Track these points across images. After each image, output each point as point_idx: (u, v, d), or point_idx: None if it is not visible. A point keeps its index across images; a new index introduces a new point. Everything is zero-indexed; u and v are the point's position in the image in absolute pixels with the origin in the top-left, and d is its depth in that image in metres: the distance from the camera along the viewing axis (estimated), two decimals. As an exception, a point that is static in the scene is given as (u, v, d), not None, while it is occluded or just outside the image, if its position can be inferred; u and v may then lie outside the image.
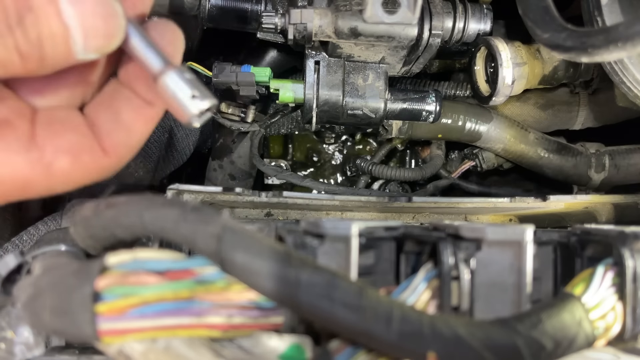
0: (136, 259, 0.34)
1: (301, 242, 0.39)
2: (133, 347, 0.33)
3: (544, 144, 0.89)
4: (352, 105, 0.66)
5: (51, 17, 0.30)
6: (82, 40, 0.31)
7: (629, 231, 0.40)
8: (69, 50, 0.32)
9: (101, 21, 0.32)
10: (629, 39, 0.43)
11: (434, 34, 0.63)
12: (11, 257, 0.40)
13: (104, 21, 0.32)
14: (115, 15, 0.32)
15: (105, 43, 0.33)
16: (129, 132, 0.38)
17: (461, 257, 0.39)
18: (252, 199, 0.65)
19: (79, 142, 0.36)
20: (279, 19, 0.62)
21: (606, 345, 0.39)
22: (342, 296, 0.31)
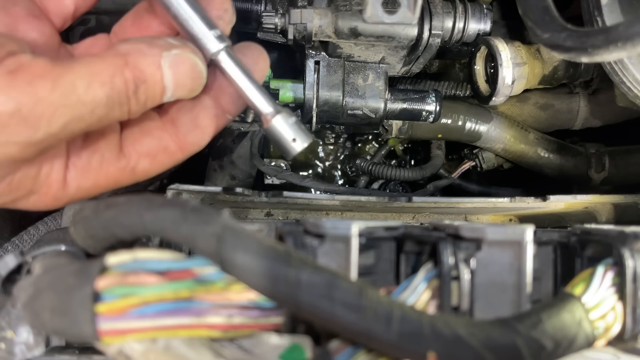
0: (136, 259, 0.34)
1: (301, 242, 0.39)
2: (133, 347, 0.33)
3: (544, 144, 0.89)
4: (352, 105, 0.66)
5: (157, 83, 0.39)
6: (172, 93, 0.40)
7: (629, 231, 0.40)
8: (161, 99, 0.40)
9: (189, 81, 0.40)
10: (629, 39, 0.43)
11: (434, 34, 0.63)
12: (11, 257, 0.40)
13: (191, 81, 0.40)
14: (200, 77, 0.41)
15: (187, 95, 0.42)
16: (203, 134, 0.45)
17: (461, 257, 0.39)
18: (252, 199, 0.65)
19: (156, 145, 0.44)
20: (279, 19, 0.62)
21: (606, 345, 0.39)
22: (342, 296, 0.31)
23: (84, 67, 0.36)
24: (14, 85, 0.34)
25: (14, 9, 0.41)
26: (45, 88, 0.34)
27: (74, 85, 0.35)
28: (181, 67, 0.39)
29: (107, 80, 0.36)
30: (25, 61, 0.35)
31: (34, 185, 0.40)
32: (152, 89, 0.39)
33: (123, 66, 0.37)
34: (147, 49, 0.38)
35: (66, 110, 0.35)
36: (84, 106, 0.36)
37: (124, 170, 0.43)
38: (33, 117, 0.34)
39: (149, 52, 0.38)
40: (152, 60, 0.38)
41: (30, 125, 0.34)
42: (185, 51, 0.40)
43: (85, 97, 0.35)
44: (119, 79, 0.37)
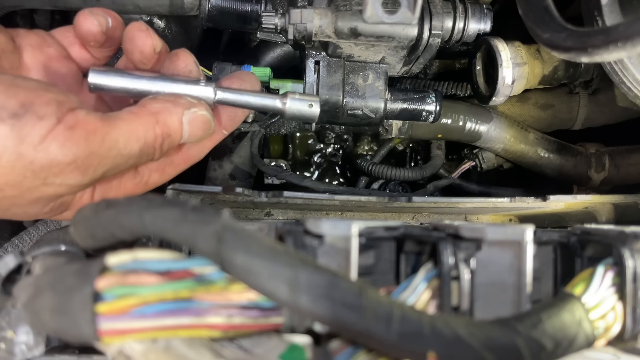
0: (136, 259, 0.34)
1: (301, 242, 0.39)
2: (133, 347, 0.33)
3: (544, 144, 0.89)
4: (352, 105, 0.66)
5: (178, 136, 0.47)
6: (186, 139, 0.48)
7: (629, 231, 0.40)
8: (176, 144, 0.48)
9: (201, 132, 0.49)
10: (629, 39, 0.43)
11: (434, 34, 0.63)
12: (11, 257, 0.40)
13: (202, 132, 0.49)
14: (210, 128, 0.49)
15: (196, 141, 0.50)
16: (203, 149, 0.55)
17: (461, 257, 0.39)
18: (252, 199, 0.65)
19: (164, 161, 0.52)
20: (279, 19, 0.62)
21: (606, 345, 0.39)
22: (342, 296, 0.31)
23: (125, 125, 0.43)
24: (72, 140, 0.39)
25: (47, 50, 0.50)
26: (96, 143, 0.40)
27: (117, 141, 0.42)
28: (197, 122, 0.48)
29: (141, 136, 0.44)
30: (81, 117, 0.40)
31: (69, 206, 0.46)
32: (174, 140, 0.47)
33: (154, 124, 0.45)
34: (173, 108, 0.46)
35: (109, 161, 0.42)
36: (122, 157, 0.43)
37: (139, 184, 0.51)
38: (84, 166, 0.40)
39: (174, 111, 0.46)
40: (176, 117, 0.46)
41: (81, 172, 0.41)
42: (201, 109, 0.48)
43: (124, 150, 0.43)
44: (151, 135, 0.44)
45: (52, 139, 0.39)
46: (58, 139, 0.39)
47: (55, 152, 0.39)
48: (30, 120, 0.38)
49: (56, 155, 0.39)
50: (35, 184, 0.40)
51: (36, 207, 0.44)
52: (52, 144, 0.39)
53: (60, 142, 0.39)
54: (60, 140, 0.39)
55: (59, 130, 0.39)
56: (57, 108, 0.39)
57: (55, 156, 0.39)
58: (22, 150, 0.38)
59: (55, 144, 0.39)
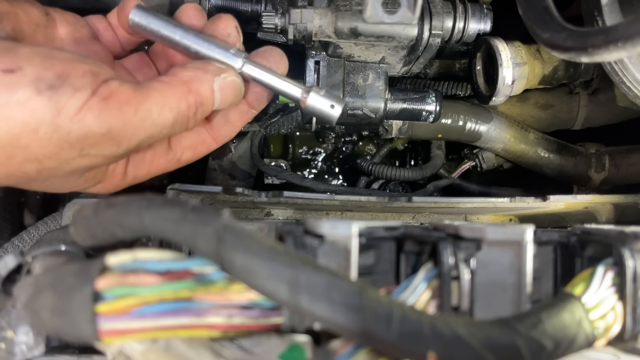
0: (136, 259, 0.34)
1: (301, 242, 0.39)
2: (133, 347, 0.33)
3: (544, 144, 0.89)
4: (352, 105, 0.66)
5: (210, 103, 0.47)
6: (218, 105, 0.48)
7: (629, 231, 0.40)
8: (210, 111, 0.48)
9: (232, 97, 0.49)
10: (629, 39, 0.43)
11: (434, 34, 0.63)
12: (11, 257, 0.40)
13: (233, 97, 0.49)
14: (240, 93, 0.50)
15: (229, 106, 0.50)
16: (233, 128, 0.55)
17: (461, 257, 0.39)
18: (252, 199, 0.65)
19: (196, 139, 0.54)
20: (279, 19, 0.62)
21: (606, 345, 0.39)
22: (342, 296, 0.31)
23: (158, 95, 0.43)
24: (107, 111, 0.40)
25: (82, 29, 0.51)
26: (130, 114, 0.41)
27: (150, 111, 0.42)
28: (228, 88, 0.48)
29: (174, 105, 0.44)
30: (115, 88, 0.41)
31: (103, 177, 0.47)
32: (207, 108, 0.47)
33: (187, 93, 0.45)
34: (203, 75, 0.46)
35: (143, 131, 0.42)
36: (156, 127, 0.43)
37: (172, 161, 0.52)
38: (119, 137, 0.41)
39: (205, 79, 0.46)
40: (208, 85, 0.46)
41: (116, 143, 0.41)
42: (231, 74, 0.48)
43: (157, 120, 0.43)
44: (184, 104, 0.44)
45: (87, 110, 0.39)
46: (93, 111, 0.39)
47: (91, 123, 0.39)
48: (67, 92, 0.38)
49: (91, 126, 0.39)
50: (72, 155, 0.40)
51: (73, 178, 0.44)
52: (88, 115, 0.39)
53: (95, 113, 0.39)
54: (95, 111, 0.39)
55: (94, 101, 0.39)
56: (92, 79, 0.40)
57: (90, 127, 0.39)
58: (59, 122, 0.38)
59: (90, 115, 0.39)
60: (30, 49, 0.39)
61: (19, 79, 0.37)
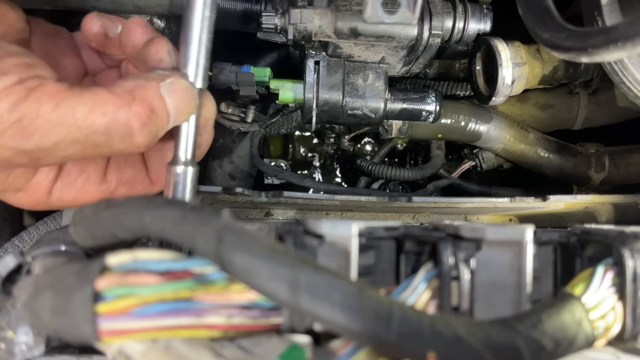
0: (136, 259, 0.34)
1: (301, 242, 0.39)
2: (133, 347, 0.33)
3: (544, 144, 0.89)
4: (352, 105, 0.66)
5: (163, 112, 0.43)
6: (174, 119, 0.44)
7: (629, 231, 0.40)
8: (167, 127, 0.44)
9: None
10: (629, 39, 0.43)
11: (434, 34, 0.63)
12: (11, 257, 0.40)
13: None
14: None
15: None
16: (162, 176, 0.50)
17: (461, 257, 0.39)
18: (252, 199, 0.65)
19: (134, 176, 0.50)
20: (278, 19, 0.62)
21: (606, 345, 0.39)
22: (342, 296, 0.31)
23: (91, 96, 0.40)
24: (24, 100, 0.37)
25: (59, 42, 0.50)
26: (48, 107, 0.38)
27: (74, 110, 0.39)
28: (178, 93, 0.43)
29: (109, 111, 0.40)
30: (45, 83, 0.39)
31: (24, 186, 0.45)
32: (160, 117, 0.43)
33: (131, 101, 0.41)
34: (146, 82, 0.42)
35: (61, 130, 0.39)
36: (79, 130, 0.39)
37: (104, 193, 0.49)
38: (29, 129, 0.38)
39: (148, 85, 0.42)
40: (153, 91, 0.42)
41: (25, 136, 0.38)
42: (177, 77, 0.44)
43: (82, 122, 0.39)
44: (124, 113, 0.40)
45: (5, 95, 0.37)
46: (10, 97, 0.37)
47: (3, 109, 0.37)
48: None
49: (3, 112, 0.37)
50: None
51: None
52: (4, 100, 0.37)
53: (11, 100, 0.37)
54: (12, 98, 0.37)
55: (16, 89, 0.38)
56: (24, 70, 0.38)
57: (1, 113, 0.37)
58: None
59: (6, 101, 0.37)
60: None
61: None
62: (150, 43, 0.47)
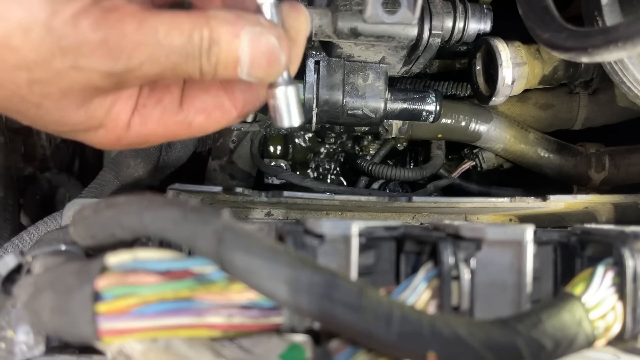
0: (136, 259, 0.34)
1: (301, 242, 0.39)
2: (133, 346, 0.33)
3: (544, 144, 0.89)
4: (352, 105, 0.66)
5: (231, 51, 0.40)
6: (247, 70, 0.41)
7: (629, 231, 0.40)
8: (235, 74, 0.41)
9: (265, 61, 0.41)
10: (629, 39, 0.43)
11: (434, 34, 0.63)
12: (11, 257, 0.40)
13: (267, 61, 0.41)
14: (277, 61, 0.41)
15: (263, 77, 0.42)
16: (257, 96, 0.47)
17: (461, 257, 0.39)
18: (252, 199, 0.65)
19: (212, 102, 0.47)
20: (279, 19, 0.62)
21: (606, 345, 0.39)
22: (342, 296, 0.31)
23: (169, 17, 0.39)
24: (105, 20, 0.37)
25: None
26: (132, 26, 0.37)
27: (156, 29, 0.38)
28: (259, 45, 0.40)
29: (185, 31, 0.39)
30: (119, 3, 0.38)
31: (105, 119, 0.43)
32: (224, 53, 0.40)
33: (204, 24, 0.39)
34: (233, 19, 0.40)
35: (145, 49, 0.38)
36: (162, 49, 0.39)
37: (182, 124, 0.47)
38: (117, 49, 0.37)
39: (232, 21, 0.40)
40: (231, 28, 0.40)
41: (113, 57, 0.38)
42: (270, 32, 0.41)
43: (164, 40, 0.38)
44: (197, 34, 0.39)
45: (84, 16, 0.37)
46: (90, 17, 0.37)
47: (86, 29, 0.36)
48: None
49: (86, 32, 0.36)
50: (65, 65, 0.38)
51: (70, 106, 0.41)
52: (84, 21, 0.36)
53: (92, 20, 0.36)
54: (92, 18, 0.37)
55: (94, 9, 0.37)
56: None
57: (85, 34, 0.36)
58: (53, 25, 0.36)
59: (87, 21, 0.37)
60: None
61: None
62: None
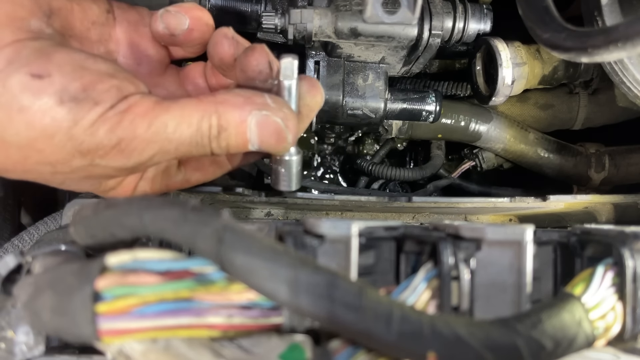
0: (136, 259, 0.34)
1: (301, 242, 0.39)
2: (133, 347, 0.33)
3: (544, 144, 0.89)
4: (352, 105, 0.66)
5: (240, 135, 0.43)
6: (257, 147, 0.44)
7: (629, 231, 0.40)
8: (246, 149, 0.44)
9: (274, 141, 0.43)
10: (629, 39, 0.43)
11: (434, 34, 0.63)
12: (11, 257, 0.40)
13: (275, 141, 0.43)
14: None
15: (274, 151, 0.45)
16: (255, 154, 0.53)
17: (461, 257, 0.39)
18: (252, 199, 0.65)
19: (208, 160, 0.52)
20: (278, 19, 0.62)
21: (606, 345, 0.39)
22: (342, 296, 0.31)
23: (179, 109, 0.41)
24: (119, 124, 0.40)
25: (143, 29, 0.50)
26: (143, 126, 0.40)
27: (166, 125, 0.41)
28: (267, 128, 0.43)
29: (194, 122, 0.41)
30: (133, 102, 0.40)
31: (116, 187, 0.48)
32: (234, 138, 0.43)
33: (212, 113, 0.42)
34: (241, 103, 0.43)
35: (155, 145, 0.41)
36: (170, 143, 0.41)
37: (181, 182, 0.52)
38: (129, 149, 0.40)
39: (239, 106, 0.42)
40: (239, 114, 0.42)
41: (126, 156, 0.41)
42: (276, 114, 0.43)
43: (173, 135, 0.41)
44: (206, 123, 0.42)
45: (101, 122, 0.39)
46: (107, 124, 0.39)
47: (102, 135, 0.39)
48: (87, 105, 0.39)
49: (102, 139, 0.39)
50: (83, 164, 0.41)
51: (88, 183, 0.46)
52: (101, 127, 0.39)
53: (108, 126, 0.39)
54: (108, 124, 0.39)
55: (110, 114, 0.39)
56: (115, 94, 0.40)
57: (101, 140, 0.39)
58: (74, 132, 0.39)
59: (103, 128, 0.39)
60: (65, 56, 0.40)
61: (46, 87, 0.38)
62: (250, 52, 0.46)
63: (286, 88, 0.45)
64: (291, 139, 0.44)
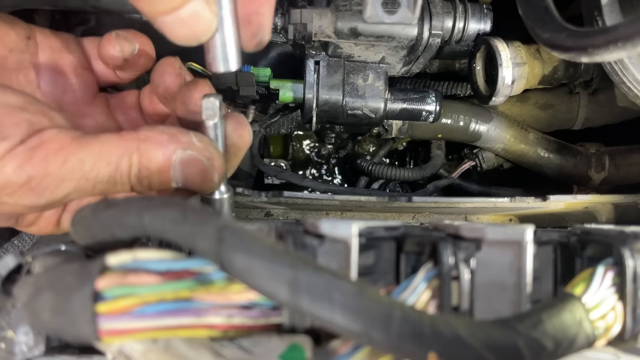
0: (136, 259, 0.34)
1: (301, 242, 0.39)
2: (133, 347, 0.33)
3: (544, 144, 0.89)
4: (352, 105, 0.66)
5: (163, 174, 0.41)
6: (182, 184, 0.42)
7: (629, 231, 0.40)
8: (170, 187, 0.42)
9: (199, 180, 0.42)
10: (629, 39, 0.43)
11: (434, 34, 0.63)
12: (11, 257, 0.40)
13: (201, 181, 0.42)
14: (211, 180, 0.42)
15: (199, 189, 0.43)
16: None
17: (461, 257, 0.39)
18: (252, 199, 0.65)
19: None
20: (279, 19, 0.62)
21: (606, 345, 0.39)
22: (342, 296, 0.31)
23: (98, 146, 0.39)
24: (29, 161, 0.37)
25: (68, 56, 0.48)
26: (56, 163, 0.37)
27: (82, 162, 0.38)
28: (192, 168, 0.41)
29: (113, 160, 0.39)
30: (47, 137, 0.38)
31: (36, 221, 0.46)
32: (156, 177, 0.41)
33: (133, 150, 0.39)
34: (165, 141, 0.40)
35: (70, 184, 0.38)
36: (87, 181, 0.39)
37: None
38: (40, 188, 0.38)
39: (163, 145, 0.40)
40: (162, 152, 0.40)
41: (37, 194, 0.38)
42: (202, 153, 0.41)
43: (89, 174, 0.38)
44: (126, 161, 0.39)
45: (9, 159, 0.36)
46: (15, 160, 0.36)
47: (9, 172, 0.36)
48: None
49: (10, 175, 0.36)
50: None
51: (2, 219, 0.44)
52: (8, 164, 0.36)
53: (16, 162, 0.37)
54: (17, 161, 0.37)
55: (19, 150, 0.37)
56: (26, 129, 0.37)
57: (8, 177, 0.36)
58: None
59: (10, 164, 0.36)
60: None
61: None
62: (193, 86, 0.45)
63: (210, 127, 0.43)
64: (217, 179, 0.43)
